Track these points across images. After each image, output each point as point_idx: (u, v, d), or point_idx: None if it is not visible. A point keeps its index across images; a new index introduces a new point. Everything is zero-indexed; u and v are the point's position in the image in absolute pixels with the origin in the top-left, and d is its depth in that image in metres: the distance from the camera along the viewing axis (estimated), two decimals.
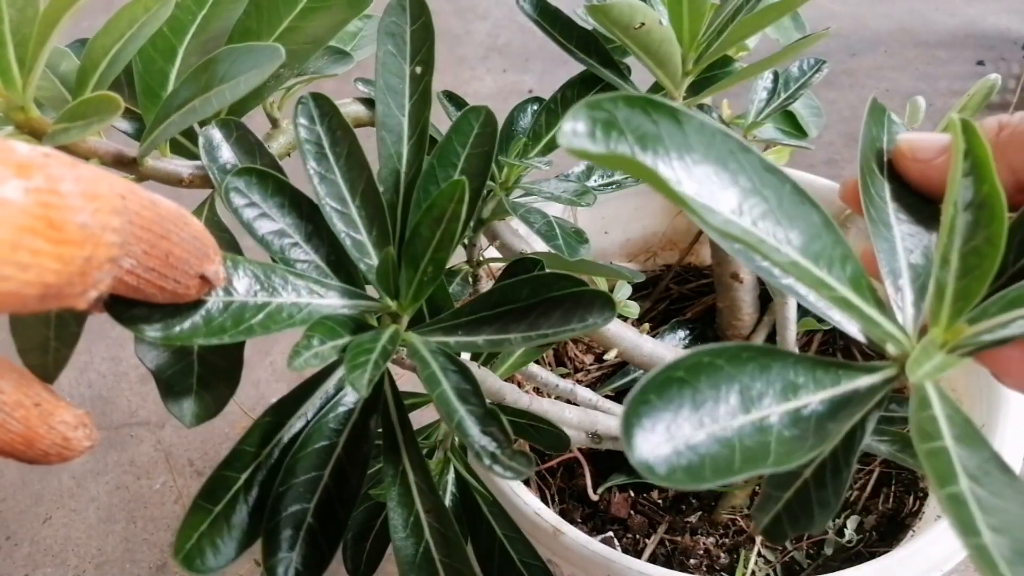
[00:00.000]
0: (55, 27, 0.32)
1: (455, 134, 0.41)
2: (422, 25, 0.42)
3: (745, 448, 0.23)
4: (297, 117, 0.39)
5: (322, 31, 0.41)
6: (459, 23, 1.57)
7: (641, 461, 0.21)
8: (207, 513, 0.37)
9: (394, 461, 0.40)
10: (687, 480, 0.22)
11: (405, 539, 0.39)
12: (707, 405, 0.23)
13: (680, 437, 0.22)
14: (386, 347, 0.34)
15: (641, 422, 0.22)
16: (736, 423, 0.23)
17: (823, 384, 0.25)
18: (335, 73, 0.42)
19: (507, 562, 0.47)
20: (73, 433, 0.28)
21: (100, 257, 0.24)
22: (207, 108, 0.34)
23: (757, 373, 0.24)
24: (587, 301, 0.36)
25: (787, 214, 0.25)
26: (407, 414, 0.41)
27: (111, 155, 0.39)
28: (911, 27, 1.49)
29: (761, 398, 0.24)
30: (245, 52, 0.34)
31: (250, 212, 0.36)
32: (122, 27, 0.35)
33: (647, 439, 0.22)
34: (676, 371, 0.23)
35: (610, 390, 0.73)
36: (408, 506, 0.39)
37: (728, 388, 0.24)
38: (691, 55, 0.49)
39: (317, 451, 0.39)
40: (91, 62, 0.36)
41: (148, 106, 0.41)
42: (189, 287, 0.29)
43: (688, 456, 0.22)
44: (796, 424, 0.24)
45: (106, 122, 0.33)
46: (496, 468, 0.32)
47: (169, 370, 0.40)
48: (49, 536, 0.83)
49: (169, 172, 0.41)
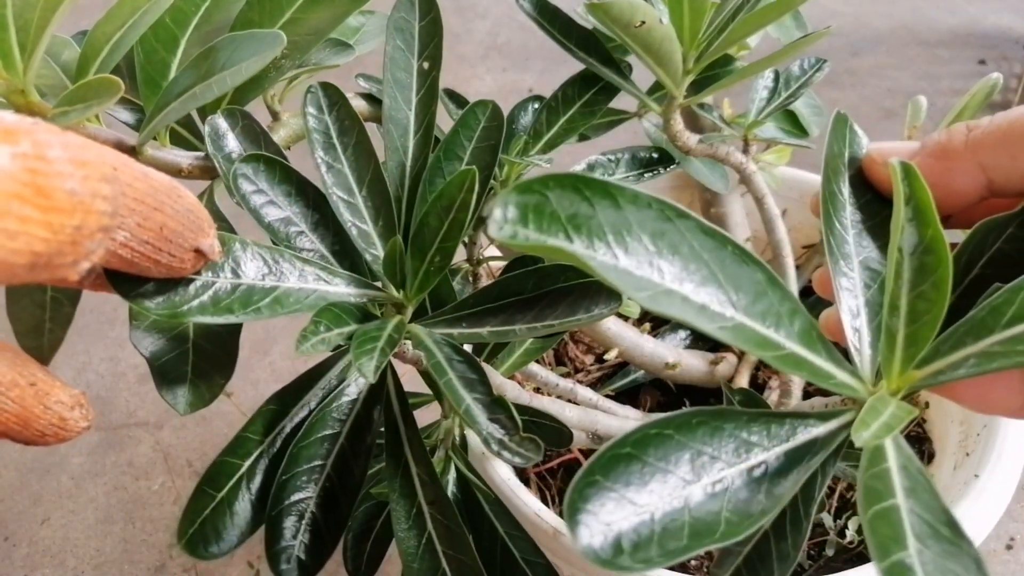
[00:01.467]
0: (56, 11, 0.32)
1: (462, 128, 0.41)
2: (431, 21, 0.42)
3: (695, 522, 0.22)
4: (306, 106, 0.39)
5: (323, 23, 0.41)
6: (459, 21, 1.57)
7: (584, 548, 0.20)
8: (210, 498, 0.37)
9: (396, 454, 0.40)
10: (633, 565, 0.20)
11: (408, 531, 0.39)
12: (655, 479, 0.22)
13: (625, 520, 0.21)
14: (392, 335, 0.34)
15: (585, 506, 0.21)
16: (686, 493, 0.22)
17: (777, 438, 0.25)
18: (336, 64, 0.42)
19: (510, 561, 0.47)
20: (70, 413, 0.28)
21: (91, 226, 0.23)
22: (207, 94, 0.34)
23: (708, 438, 0.24)
24: (593, 291, 0.36)
25: (730, 276, 0.24)
26: (410, 408, 0.41)
27: (110, 143, 0.39)
28: (913, 26, 1.49)
29: (713, 463, 0.23)
30: (246, 39, 0.35)
31: (258, 199, 0.36)
32: (124, 15, 0.36)
33: (589, 524, 0.21)
34: (623, 448, 0.22)
35: (611, 390, 0.72)
36: (411, 497, 0.39)
37: (678, 458, 0.23)
38: (692, 54, 0.49)
39: (320, 440, 0.39)
40: (92, 49, 0.36)
41: (149, 96, 0.41)
42: (184, 261, 0.29)
43: (632, 539, 0.21)
44: (748, 486, 0.23)
45: (105, 104, 0.33)
46: (504, 454, 0.32)
47: (164, 357, 0.40)
48: (47, 537, 0.83)
49: (168, 162, 0.41)
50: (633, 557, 0.21)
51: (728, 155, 0.57)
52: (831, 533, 0.64)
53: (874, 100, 1.29)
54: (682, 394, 0.72)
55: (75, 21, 0.46)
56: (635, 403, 0.70)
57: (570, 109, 0.54)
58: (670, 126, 0.54)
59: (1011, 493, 0.55)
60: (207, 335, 0.41)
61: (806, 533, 0.28)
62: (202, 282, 0.31)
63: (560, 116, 0.54)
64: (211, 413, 0.92)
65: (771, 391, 0.70)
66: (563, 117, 0.54)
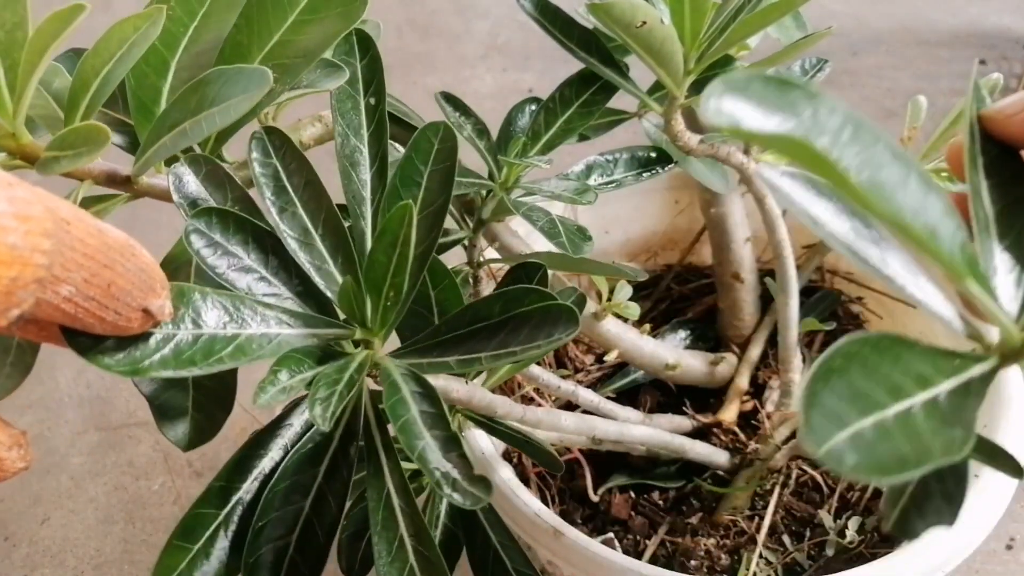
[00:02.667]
0: (44, 55, 0.32)
1: (415, 153, 0.41)
2: (371, 59, 0.43)
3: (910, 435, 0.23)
4: (251, 152, 0.38)
5: (314, 44, 0.40)
6: (459, 22, 1.57)
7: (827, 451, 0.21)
8: (185, 552, 0.37)
9: (378, 487, 0.39)
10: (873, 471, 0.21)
11: (390, 564, 0.38)
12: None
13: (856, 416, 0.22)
14: (352, 376, 0.34)
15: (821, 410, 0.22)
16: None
17: (946, 373, 0.25)
18: (328, 88, 0.42)
19: (501, 570, 0.47)
20: (7, 453, 0.28)
21: (26, 278, 0.24)
22: (198, 133, 0.34)
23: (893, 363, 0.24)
24: (553, 316, 0.36)
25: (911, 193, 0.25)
26: (390, 437, 0.41)
27: (104, 174, 0.39)
28: (913, 26, 1.49)
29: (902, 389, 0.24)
30: (235, 75, 0.34)
31: (210, 252, 0.36)
32: (112, 47, 0.35)
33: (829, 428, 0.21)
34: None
35: (610, 391, 0.72)
36: (393, 529, 0.39)
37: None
38: (693, 54, 0.49)
39: (296, 483, 0.39)
40: (82, 83, 0.36)
41: (141, 121, 0.41)
42: (131, 319, 0.29)
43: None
44: (934, 414, 0.24)
45: (95, 154, 0.33)
46: (455, 496, 0.32)
47: (163, 394, 0.40)
48: (47, 537, 0.83)
49: (163, 189, 0.40)
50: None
51: (729, 155, 0.57)
52: (831, 533, 0.64)
53: (874, 100, 1.29)
54: (682, 394, 0.72)
55: (69, 39, 0.45)
56: (635, 403, 0.70)
57: (568, 110, 0.54)
58: (671, 126, 0.54)
59: (1011, 493, 0.55)
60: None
61: (966, 477, 0.28)
62: (163, 335, 0.31)
63: (558, 117, 0.54)
64: None
65: (771, 391, 0.70)
66: (561, 118, 0.54)
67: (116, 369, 0.30)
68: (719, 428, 0.68)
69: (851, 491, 0.67)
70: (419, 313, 0.43)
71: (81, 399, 0.94)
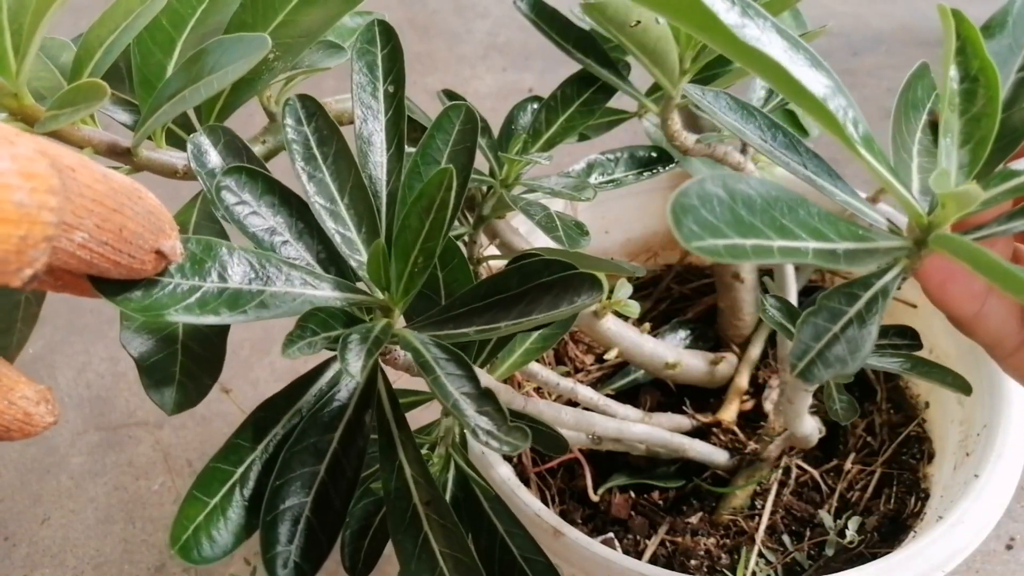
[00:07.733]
0: (46, 13, 0.33)
1: (437, 131, 0.42)
2: (392, 48, 0.44)
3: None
4: (284, 118, 0.39)
5: (316, 25, 0.41)
6: (459, 21, 1.57)
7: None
8: (203, 505, 0.38)
9: (390, 457, 0.40)
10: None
11: (404, 532, 0.39)
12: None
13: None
14: (379, 337, 0.35)
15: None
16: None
17: (846, 236, 0.28)
18: (328, 67, 0.43)
19: (509, 558, 0.47)
20: (35, 408, 0.28)
21: (36, 236, 0.24)
22: (196, 97, 0.35)
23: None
24: (576, 283, 0.36)
25: None
26: (402, 411, 0.41)
27: (105, 145, 0.39)
28: (913, 26, 1.49)
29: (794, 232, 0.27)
30: (234, 42, 0.35)
31: (242, 210, 0.37)
32: (118, 18, 0.36)
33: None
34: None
35: (610, 390, 0.72)
36: (406, 499, 0.39)
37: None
38: (688, 53, 0.49)
39: (312, 445, 0.39)
40: (86, 52, 0.37)
41: (145, 97, 0.42)
42: (145, 262, 0.29)
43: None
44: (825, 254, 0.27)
45: (93, 107, 0.33)
46: (492, 443, 0.32)
47: (152, 358, 0.41)
48: (47, 537, 0.83)
49: (164, 163, 0.41)
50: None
51: (727, 155, 0.57)
52: (831, 533, 0.64)
53: (874, 100, 1.28)
54: (682, 394, 0.72)
55: (75, 23, 0.46)
56: (635, 403, 0.70)
57: (569, 108, 0.54)
58: (668, 126, 0.54)
59: (1011, 493, 0.55)
60: (196, 336, 0.42)
61: (873, 336, 0.30)
62: (189, 286, 0.31)
63: (559, 115, 0.54)
64: (211, 413, 0.92)
65: (771, 390, 0.70)
66: (562, 116, 0.54)
67: (144, 313, 0.30)
68: (719, 427, 0.68)
69: (851, 491, 0.67)
70: (426, 295, 0.43)
71: (81, 399, 0.94)
